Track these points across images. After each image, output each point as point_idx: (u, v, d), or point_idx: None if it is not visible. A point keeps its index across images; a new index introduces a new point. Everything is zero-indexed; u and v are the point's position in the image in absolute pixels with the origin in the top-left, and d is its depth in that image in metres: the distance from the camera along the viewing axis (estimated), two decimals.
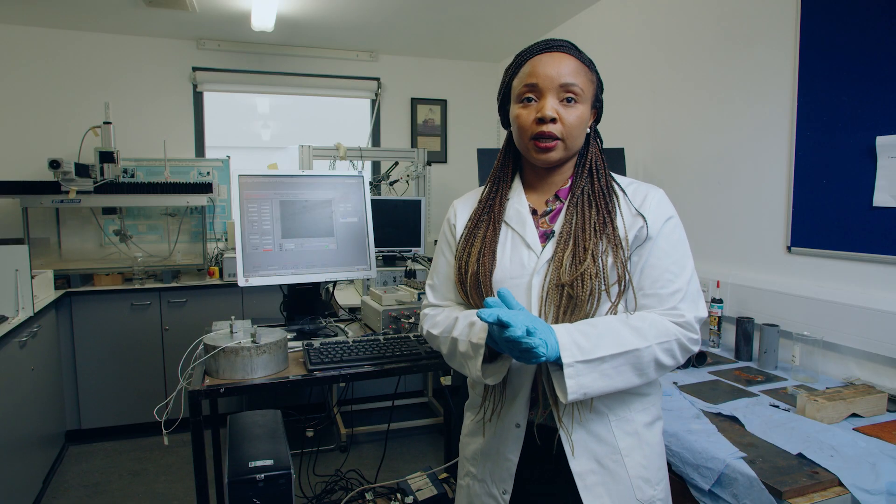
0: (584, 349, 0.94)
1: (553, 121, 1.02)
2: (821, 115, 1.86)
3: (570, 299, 1.00)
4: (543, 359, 0.90)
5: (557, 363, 0.94)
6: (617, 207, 1.06)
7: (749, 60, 2.14)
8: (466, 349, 1.05)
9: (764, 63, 2.08)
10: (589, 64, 1.07)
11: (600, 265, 1.00)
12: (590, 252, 1.01)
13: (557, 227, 1.07)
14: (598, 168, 1.09)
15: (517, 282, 1.06)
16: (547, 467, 1.09)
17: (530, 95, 1.04)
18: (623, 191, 1.09)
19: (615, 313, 1.02)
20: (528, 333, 0.88)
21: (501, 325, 0.89)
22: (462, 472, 1.23)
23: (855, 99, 1.76)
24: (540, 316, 1.03)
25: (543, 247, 1.07)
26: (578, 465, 1.04)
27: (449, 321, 1.12)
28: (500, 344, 0.94)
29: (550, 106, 1.02)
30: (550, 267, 1.04)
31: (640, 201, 1.07)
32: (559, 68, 1.02)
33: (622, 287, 1.02)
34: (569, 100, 1.03)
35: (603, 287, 1.00)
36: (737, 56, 2.20)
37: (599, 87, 1.10)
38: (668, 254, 1.03)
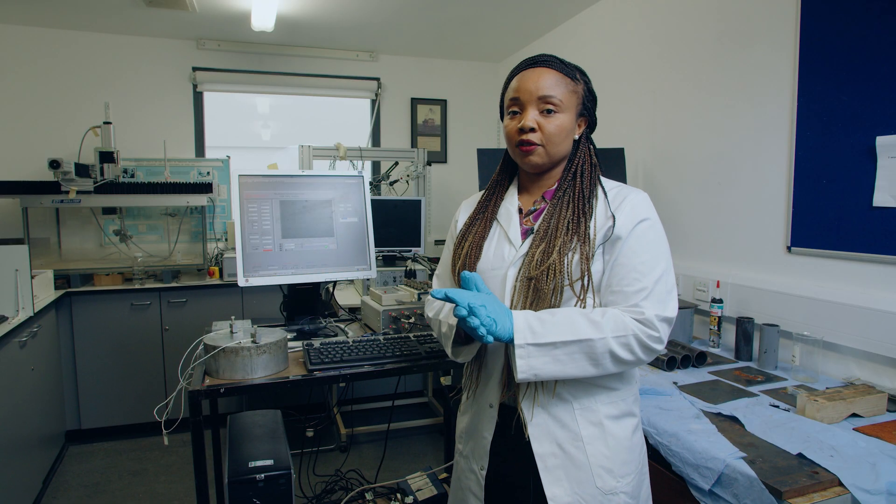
0: (537, 333, 1.01)
1: (532, 130, 1.12)
2: (821, 115, 1.86)
3: (535, 292, 1.09)
4: (490, 338, 0.99)
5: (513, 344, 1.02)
6: (594, 208, 1.13)
7: (749, 60, 2.14)
8: (446, 330, 1.19)
9: (764, 63, 2.08)
10: (573, 76, 1.14)
11: (565, 262, 1.08)
12: (557, 249, 1.09)
13: (537, 224, 1.16)
14: (583, 172, 1.16)
15: (496, 273, 1.17)
16: (516, 448, 1.15)
17: (515, 108, 1.15)
18: (605, 194, 1.15)
19: (583, 308, 1.09)
20: (471, 313, 0.98)
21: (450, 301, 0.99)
22: (456, 449, 1.33)
23: (855, 99, 1.76)
24: (511, 306, 1.12)
25: (524, 242, 1.16)
26: (540, 446, 1.11)
27: (441, 305, 1.25)
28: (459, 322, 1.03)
29: (530, 117, 1.12)
30: (524, 261, 1.13)
31: (618, 204, 1.12)
32: (538, 82, 1.11)
33: (585, 283, 1.08)
34: (548, 111, 1.12)
35: (566, 282, 1.08)
36: (737, 56, 2.19)
37: (588, 97, 1.17)
38: (638, 254, 1.08)
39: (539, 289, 1.08)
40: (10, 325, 2.27)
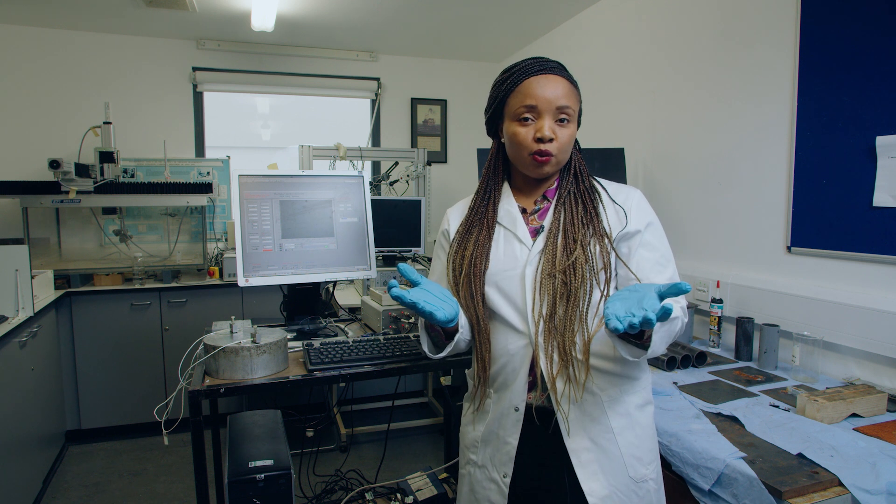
0: None
1: (551, 140, 1.11)
2: (821, 115, 1.86)
3: (564, 286, 1.08)
4: (440, 320, 1.01)
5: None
6: (600, 203, 1.17)
7: (749, 60, 2.14)
8: (422, 327, 1.22)
9: (764, 63, 2.08)
10: (576, 84, 1.17)
11: (589, 254, 1.10)
12: (579, 242, 1.10)
13: (546, 222, 1.16)
14: (581, 171, 1.19)
15: (510, 273, 1.15)
16: (545, 449, 1.14)
17: (528, 115, 1.12)
18: (605, 188, 1.20)
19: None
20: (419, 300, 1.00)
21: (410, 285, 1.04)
22: (463, 461, 1.28)
23: (855, 99, 1.76)
24: (534, 304, 1.10)
25: (534, 241, 1.15)
26: (573, 442, 1.11)
27: None
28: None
29: (548, 126, 1.11)
30: (542, 258, 1.12)
31: (623, 199, 1.17)
32: (556, 91, 1.10)
33: (608, 274, 1.10)
34: (562, 120, 1.12)
35: (593, 274, 1.09)
36: (737, 56, 2.19)
37: (581, 103, 1.19)
38: (657, 248, 1.14)
39: (567, 283, 1.08)
40: (10, 325, 2.27)
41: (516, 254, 1.15)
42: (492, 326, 1.17)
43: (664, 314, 0.82)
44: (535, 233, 1.16)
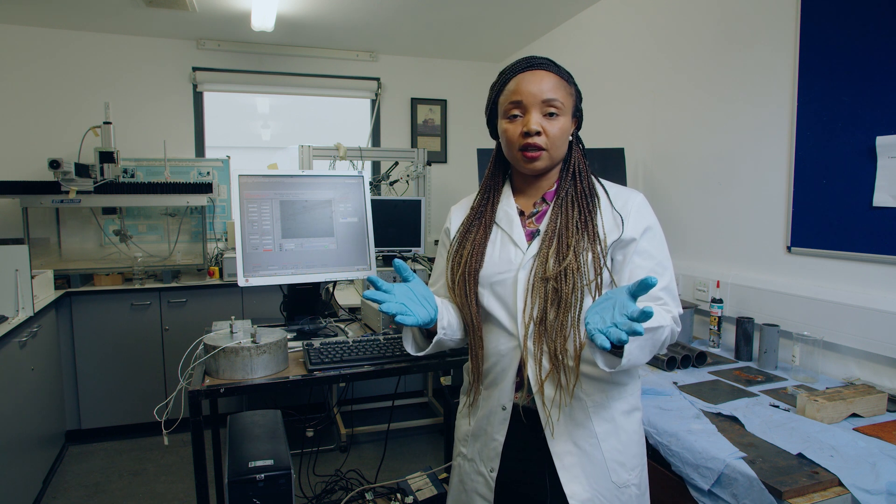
0: None
1: (538, 133, 1.11)
2: (821, 115, 1.86)
3: (555, 292, 1.08)
4: (409, 325, 1.05)
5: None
6: (598, 207, 1.14)
7: (749, 60, 2.14)
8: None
9: (764, 63, 2.08)
10: (568, 78, 1.15)
11: (581, 261, 1.08)
12: (572, 248, 1.09)
13: (543, 226, 1.15)
14: (580, 172, 1.17)
15: (504, 276, 1.15)
16: (530, 448, 1.15)
17: (516, 112, 1.13)
18: (606, 192, 1.17)
19: None
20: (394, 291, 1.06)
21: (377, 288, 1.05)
22: (455, 452, 1.31)
23: (855, 99, 1.76)
24: (525, 308, 1.11)
25: (529, 244, 1.15)
26: (557, 445, 1.12)
27: None
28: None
29: (535, 120, 1.11)
30: (535, 262, 1.11)
31: (622, 204, 1.15)
32: (541, 85, 1.10)
33: (599, 282, 1.09)
34: (551, 114, 1.11)
35: (585, 281, 1.08)
36: (737, 56, 2.19)
37: (578, 98, 1.18)
38: (653, 255, 1.13)
39: (558, 289, 1.07)
40: (10, 325, 2.27)
41: (511, 257, 1.15)
42: (485, 326, 1.19)
43: (644, 316, 0.83)
44: (532, 236, 1.16)
